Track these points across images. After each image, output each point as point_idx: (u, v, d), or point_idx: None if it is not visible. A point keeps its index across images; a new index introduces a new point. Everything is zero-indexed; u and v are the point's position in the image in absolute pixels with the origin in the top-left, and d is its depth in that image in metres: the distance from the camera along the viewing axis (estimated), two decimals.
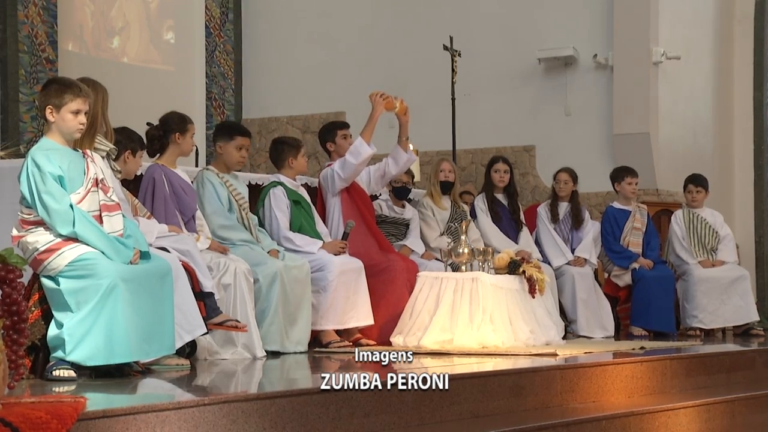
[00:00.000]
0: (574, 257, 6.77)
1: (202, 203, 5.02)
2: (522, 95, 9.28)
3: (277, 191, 5.38)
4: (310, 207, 5.60)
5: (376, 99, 5.59)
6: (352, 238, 5.53)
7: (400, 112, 5.72)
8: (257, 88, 10.33)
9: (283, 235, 5.32)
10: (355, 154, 5.60)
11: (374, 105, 5.61)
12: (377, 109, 5.60)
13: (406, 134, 5.87)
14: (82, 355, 3.41)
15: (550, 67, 9.08)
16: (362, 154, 5.60)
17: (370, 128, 5.63)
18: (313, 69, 9.89)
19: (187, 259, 4.26)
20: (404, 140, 5.88)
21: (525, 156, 9.27)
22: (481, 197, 6.70)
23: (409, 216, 6.29)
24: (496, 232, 6.56)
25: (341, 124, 5.98)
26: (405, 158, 5.88)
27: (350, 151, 5.65)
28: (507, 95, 9.38)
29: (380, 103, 5.58)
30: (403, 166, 5.92)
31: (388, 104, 5.64)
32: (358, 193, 5.84)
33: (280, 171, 5.52)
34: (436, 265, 5.89)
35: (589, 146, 9.00)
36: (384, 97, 5.62)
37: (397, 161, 5.87)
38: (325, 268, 5.23)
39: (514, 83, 9.34)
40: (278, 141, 5.59)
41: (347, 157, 5.64)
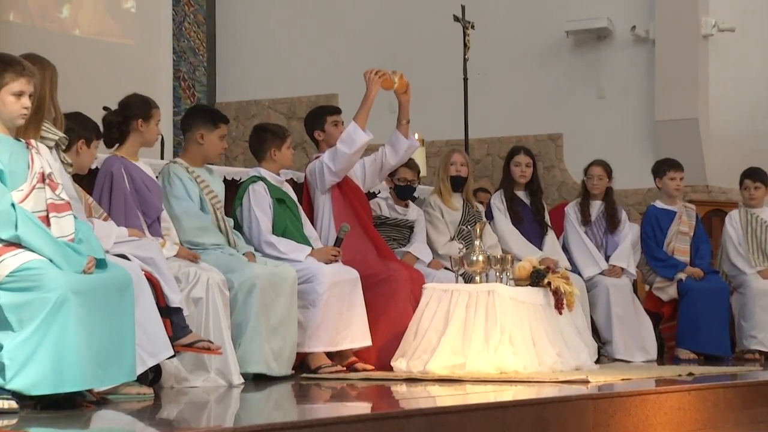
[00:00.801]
0: (608, 266, 6.77)
1: (169, 202, 5.01)
2: (547, 75, 9.24)
3: (257, 188, 5.36)
4: (296, 207, 5.58)
5: (371, 77, 5.57)
6: (346, 243, 5.53)
7: (399, 89, 5.67)
8: (234, 66, 10.31)
9: (265, 240, 5.31)
10: (347, 142, 5.58)
11: (368, 84, 5.58)
12: (372, 88, 5.58)
13: (407, 116, 5.83)
14: (26, 382, 3.39)
15: (581, 42, 9.09)
16: (356, 142, 5.57)
17: (364, 111, 5.62)
18: (300, 44, 9.93)
19: (151, 268, 4.26)
20: (404, 124, 5.84)
21: (550, 146, 9.24)
22: (499, 195, 6.69)
23: (414, 217, 6.26)
24: (517, 236, 6.56)
25: (331, 109, 5.98)
26: (405, 145, 5.85)
27: (342, 138, 5.63)
28: (529, 75, 9.33)
29: (376, 82, 5.56)
30: (403, 155, 5.91)
31: (385, 82, 5.61)
32: (352, 190, 5.83)
33: (261, 164, 5.50)
34: (445, 276, 5.90)
35: (627, 135, 9.00)
36: (380, 74, 5.60)
37: (396, 149, 5.84)
38: (315, 279, 5.22)
39: (538, 60, 9.30)
40: (259, 129, 5.58)
41: (338, 146, 5.62)
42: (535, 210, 6.68)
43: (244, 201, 5.38)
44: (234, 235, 5.19)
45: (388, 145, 5.93)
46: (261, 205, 5.36)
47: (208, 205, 5.09)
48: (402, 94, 5.77)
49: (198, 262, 4.78)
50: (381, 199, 6.27)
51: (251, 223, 5.33)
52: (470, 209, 6.38)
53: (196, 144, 5.12)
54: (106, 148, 4.86)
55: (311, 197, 5.81)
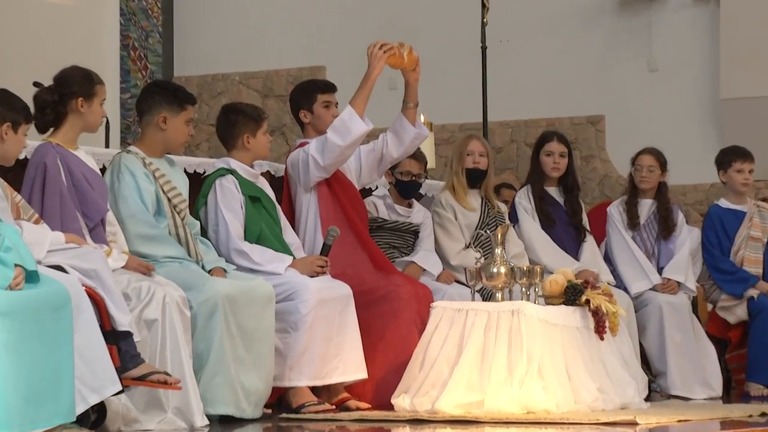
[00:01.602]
0: (662, 280, 6.75)
1: (117, 202, 5.01)
2: (585, 43, 9.21)
3: (225, 183, 5.36)
4: (274, 206, 5.58)
5: (375, 53, 5.56)
6: (335, 252, 5.52)
7: (408, 65, 5.68)
8: (196, 31, 10.26)
9: (235, 247, 5.31)
10: (341, 132, 5.57)
11: (372, 61, 5.58)
12: (376, 65, 5.57)
13: (415, 99, 5.83)
14: None
15: (628, 1, 9.08)
16: (352, 132, 5.57)
17: (364, 94, 5.61)
18: (278, 4, 9.89)
19: (94, 283, 4.26)
20: (411, 107, 5.84)
21: (590, 131, 9.20)
22: (526, 192, 6.67)
23: (419, 220, 6.25)
24: (548, 242, 6.54)
25: (324, 86, 5.96)
26: (412, 134, 5.84)
27: (334, 126, 5.62)
28: (563, 43, 9.27)
29: (381, 58, 5.56)
30: (409, 146, 5.90)
31: (392, 58, 5.61)
32: (343, 187, 5.80)
33: (231, 153, 5.50)
34: (458, 292, 5.88)
35: (684, 117, 9.01)
36: (387, 48, 5.59)
37: (401, 138, 5.84)
38: (297, 295, 5.21)
39: (575, 25, 9.33)
40: (229, 110, 5.57)
41: (329, 135, 5.60)
42: (571, 210, 6.66)
43: (209, 199, 5.37)
44: (199, 245, 5.20)
45: (391, 132, 5.90)
46: (230, 205, 5.35)
47: (167, 207, 5.10)
48: (410, 72, 5.75)
49: (152, 274, 4.78)
50: (378, 197, 6.25)
51: (218, 226, 5.33)
52: (490, 209, 6.35)
53: (157, 129, 5.13)
54: (37, 134, 4.83)
55: (292, 195, 5.79)
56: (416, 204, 6.35)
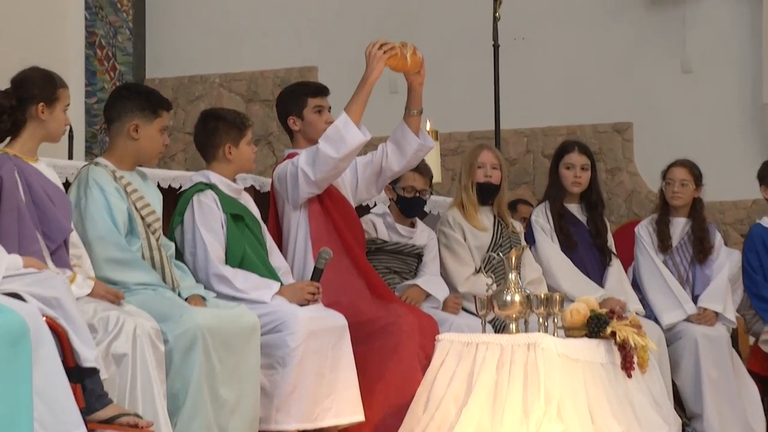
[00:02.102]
0: (697, 310, 6.75)
1: (83, 221, 5.00)
2: (611, 40, 9.24)
3: (204, 199, 5.39)
4: (259, 226, 5.58)
5: (374, 53, 5.58)
6: (328, 277, 5.53)
7: (411, 67, 5.71)
8: (171, 27, 10.29)
9: (215, 272, 5.32)
10: (335, 142, 5.57)
11: (370, 62, 5.60)
12: (376, 67, 5.58)
13: (419, 105, 5.86)
14: None
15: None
16: (347, 143, 5.57)
17: (361, 100, 5.62)
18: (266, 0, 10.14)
19: (56, 313, 4.24)
20: (415, 114, 5.87)
21: (616, 140, 9.22)
22: (543, 209, 6.71)
23: (423, 241, 6.27)
24: (568, 267, 6.57)
25: (315, 88, 5.99)
26: (416, 145, 5.86)
27: (327, 135, 5.62)
28: (585, 40, 9.30)
29: (381, 60, 5.58)
30: (412, 158, 5.92)
31: (394, 60, 5.64)
32: (337, 204, 5.82)
33: (211, 165, 5.52)
34: (467, 323, 5.93)
35: (723, 125, 9.07)
36: (387, 48, 5.62)
37: (403, 149, 5.87)
38: (285, 327, 5.20)
39: (598, 20, 9.30)
40: (209, 116, 5.60)
41: (322, 145, 5.60)
42: (594, 230, 6.68)
43: (186, 218, 5.39)
44: (175, 270, 5.22)
45: (391, 142, 5.92)
46: (209, 224, 5.36)
47: (140, 227, 5.11)
48: (414, 75, 5.77)
49: (122, 303, 4.77)
50: (376, 215, 6.26)
51: (196, 248, 5.34)
52: (504, 229, 6.37)
53: (128, 139, 5.14)
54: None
55: (279, 213, 5.80)
56: (420, 223, 6.34)
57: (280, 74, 9.78)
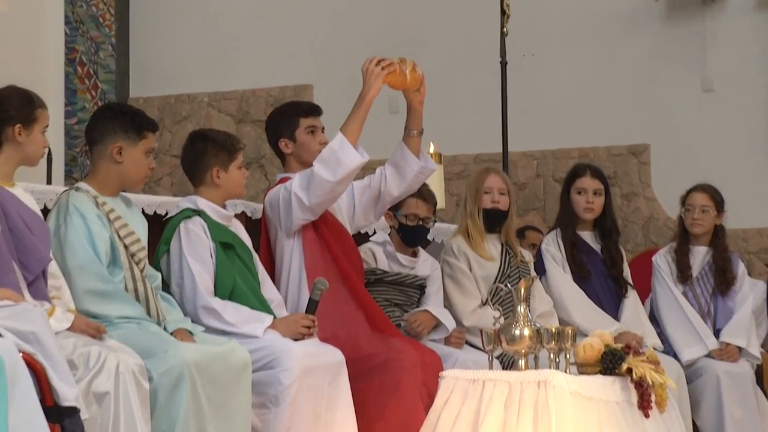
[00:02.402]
0: (719, 345, 6.75)
1: (63, 250, 5.00)
2: (626, 57, 9.23)
3: (192, 226, 5.41)
4: (250, 255, 5.59)
5: (371, 69, 5.60)
6: (324, 310, 5.52)
7: (411, 84, 5.72)
8: (156, 43, 10.25)
9: (203, 304, 5.33)
10: (330, 164, 5.58)
11: (367, 79, 5.60)
12: (373, 85, 5.59)
13: (420, 125, 5.87)
14: None
15: (677, 5, 9.07)
16: (344, 165, 5.57)
17: (358, 119, 5.63)
18: (256, 10, 9.99)
19: (33, 348, 4.21)
20: (415, 135, 5.88)
21: (632, 164, 9.18)
22: (554, 237, 6.72)
23: (426, 272, 6.27)
24: (581, 298, 6.57)
25: (307, 108, 6.01)
26: (416, 168, 5.87)
27: (322, 157, 5.62)
28: (599, 57, 9.29)
29: (378, 77, 5.59)
30: (413, 182, 5.93)
31: (392, 76, 5.65)
32: (333, 232, 5.83)
33: (199, 190, 5.55)
34: (473, 358, 5.90)
35: (746, 146, 8.92)
36: (385, 65, 5.63)
37: (403, 172, 5.88)
38: (278, 363, 5.18)
39: (613, 35, 9.28)
40: (196, 138, 5.63)
41: (316, 168, 5.61)
42: (609, 260, 6.68)
43: (172, 246, 5.40)
44: (161, 302, 5.22)
45: (390, 165, 5.91)
46: (197, 253, 5.37)
47: (123, 257, 5.11)
48: (414, 93, 5.77)
49: (104, 338, 4.75)
50: (376, 244, 6.25)
51: (183, 279, 5.34)
52: (512, 258, 6.39)
53: (111, 162, 5.14)
54: None
55: (272, 241, 5.80)
56: (422, 252, 6.34)
57: (273, 93, 9.81)
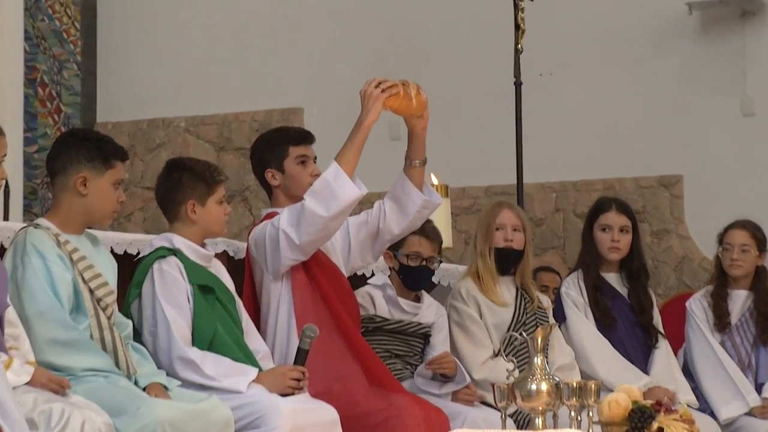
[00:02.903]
0: (761, 401, 6.72)
1: (20, 294, 4.97)
2: (657, 77, 9.22)
3: (167, 267, 5.41)
4: (232, 299, 5.61)
5: (371, 92, 5.61)
6: (316, 361, 5.52)
7: (415, 110, 5.75)
8: (127, 62, 10.23)
9: (180, 355, 5.32)
10: (324, 198, 5.57)
11: (366, 103, 5.63)
12: (372, 109, 5.61)
13: (423, 154, 5.90)
14: None
15: (713, 20, 9.06)
16: (339, 199, 5.57)
17: (355, 148, 5.64)
18: (238, 26, 10.06)
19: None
20: (418, 166, 5.91)
21: (663, 197, 9.18)
22: (575, 280, 6.75)
23: (431, 319, 6.29)
24: (606, 349, 6.58)
25: (297, 135, 6.04)
26: (419, 202, 5.89)
27: (315, 190, 5.61)
28: (626, 77, 9.25)
29: (378, 100, 5.61)
30: (415, 218, 5.93)
31: (395, 100, 5.67)
32: (326, 273, 5.84)
33: (174, 227, 5.56)
34: (484, 416, 5.92)
35: None
36: (387, 87, 5.65)
37: (404, 207, 5.90)
38: (264, 421, 5.15)
39: (641, 53, 9.25)
40: (173, 168, 5.64)
41: (308, 202, 5.60)
42: (637, 305, 6.70)
43: (144, 290, 5.39)
44: (132, 353, 5.19)
45: (390, 199, 5.92)
46: (173, 297, 5.37)
47: (88, 302, 5.07)
48: (416, 119, 5.78)
49: (67, 393, 4.71)
50: (374, 287, 6.25)
51: (157, 326, 5.32)
52: (528, 304, 6.41)
53: (75, 195, 5.12)
54: None
55: (257, 284, 5.83)
56: (427, 297, 6.34)
57: (258, 117, 9.85)
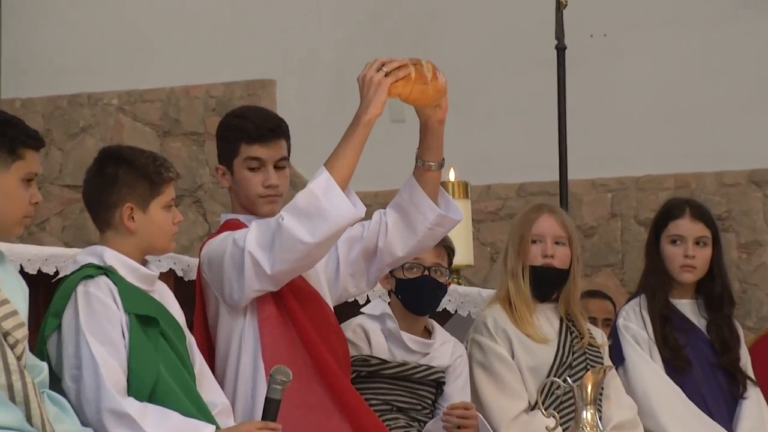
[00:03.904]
0: None
1: None
2: (748, 40, 9.67)
3: (95, 291, 5.49)
4: (182, 335, 5.66)
5: (371, 78, 5.68)
6: (290, 415, 5.59)
7: (431, 97, 5.80)
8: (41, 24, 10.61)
9: (111, 408, 5.35)
10: (309, 217, 5.59)
11: (367, 91, 5.70)
12: (374, 100, 5.68)
13: (440, 154, 5.95)
14: None
15: None
16: (330, 220, 5.58)
17: (351, 151, 5.70)
18: None
19: None
20: (433, 169, 5.93)
21: (753, 198, 9.59)
22: (636, 308, 6.89)
23: (444, 360, 6.39)
24: (677, 400, 6.67)
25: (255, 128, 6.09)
26: (431, 217, 5.94)
27: (297, 207, 5.59)
28: (706, 40, 9.72)
29: (381, 87, 5.67)
30: (426, 237, 5.98)
31: (403, 84, 5.71)
32: (304, 304, 5.91)
33: (106, 238, 5.62)
34: None
35: None
36: (392, 68, 5.67)
37: (413, 223, 5.95)
38: None
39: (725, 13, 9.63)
40: (107, 158, 5.67)
41: (287, 222, 5.58)
42: (719, 342, 6.82)
43: (65, 321, 5.45)
44: (48, 405, 5.19)
45: (395, 210, 5.95)
46: (103, 331, 5.44)
47: None
48: (431, 109, 5.80)
49: None
50: (370, 318, 6.36)
51: (81, 369, 5.37)
52: (574, 340, 6.55)
53: None
54: None
55: (211, 316, 5.90)
56: (440, 330, 6.36)
57: (215, 92, 9.82)
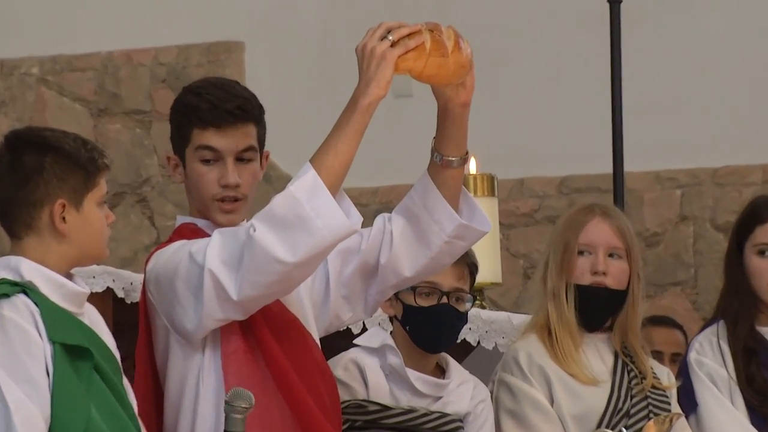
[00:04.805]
0: None
1: None
2: None
3: (11, 314, 5.80)
4: (118, 369, 5.76)
5: (373, 49, 5.77)
6: None
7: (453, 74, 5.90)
8: None
9: None
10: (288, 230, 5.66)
11: (368, 67, 5.82)
12: (377, 78, 5.77)
13: (464, 147, 6.01)
14: None
15: None
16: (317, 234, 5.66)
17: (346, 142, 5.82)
18: None
19: None
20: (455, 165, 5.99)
21: None
22: (713, 339, 7.02)
23: (463, 406, 6.51)
24: None
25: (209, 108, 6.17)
26: (450, 228, 6.02)
27: (272, 214, 5.61)
28: None
29: (387, 61, 5.78)
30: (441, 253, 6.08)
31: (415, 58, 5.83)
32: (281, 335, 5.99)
33: (24, 247, 5.79)
34: None
35: None
36: (401, 36, 5.74)
37: (425, 233, 6.01)
38: None
39: None
40: (22, 147, 5.79)
41: (260, 234, 5.59)
42: None
43: None
44: None
45: (403, 216, 5.93)
46: (20, 366, 5.71)
47: None
48: (453, 90, 5.81)
49: None
50: (367, 353, 6.42)
51: None
52: (630, 379, 6.61)
53: None
54: None
55: (159, 348, 6.00)
56: (457, 368, 6.43)
57: (165, 58, 9.66)
